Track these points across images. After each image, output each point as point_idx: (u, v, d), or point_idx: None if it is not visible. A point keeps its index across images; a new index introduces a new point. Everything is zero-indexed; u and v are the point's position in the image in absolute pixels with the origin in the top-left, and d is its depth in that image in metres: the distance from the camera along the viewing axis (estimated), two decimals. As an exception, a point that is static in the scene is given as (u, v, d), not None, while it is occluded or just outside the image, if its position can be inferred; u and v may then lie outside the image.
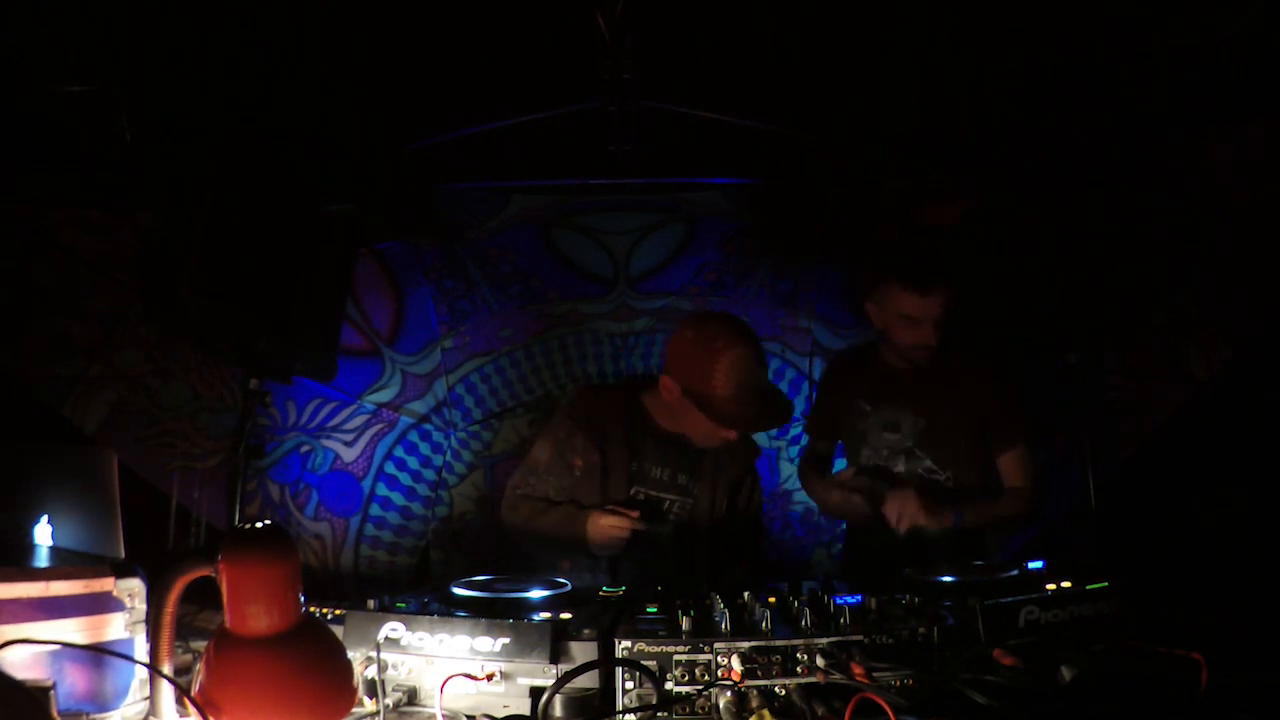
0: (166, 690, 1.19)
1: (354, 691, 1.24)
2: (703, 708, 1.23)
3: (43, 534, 1.53)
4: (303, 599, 1.19)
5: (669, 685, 1.24)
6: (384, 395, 3.56)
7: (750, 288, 3.59)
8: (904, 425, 2.49)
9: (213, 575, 1.16)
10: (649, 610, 1.48)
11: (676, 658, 1.25)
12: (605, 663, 1.26)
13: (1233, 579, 2.16)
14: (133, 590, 1.32)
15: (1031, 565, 1.65)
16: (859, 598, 1.41)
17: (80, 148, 2.81)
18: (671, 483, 2.26)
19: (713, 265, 3.57)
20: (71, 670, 1.20)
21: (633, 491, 2.23)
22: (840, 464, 2.80)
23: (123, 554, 1.69)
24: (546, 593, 1.55)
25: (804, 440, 3.33)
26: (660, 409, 2.27)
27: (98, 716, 1.23)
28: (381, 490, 3.56)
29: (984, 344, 2.76)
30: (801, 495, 3.38)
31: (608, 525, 2.09)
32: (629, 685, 1.25)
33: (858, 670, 1.20)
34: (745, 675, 1.24)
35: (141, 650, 1.29)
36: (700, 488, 2.29)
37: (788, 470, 3.56)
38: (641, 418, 2.28)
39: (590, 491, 2.22)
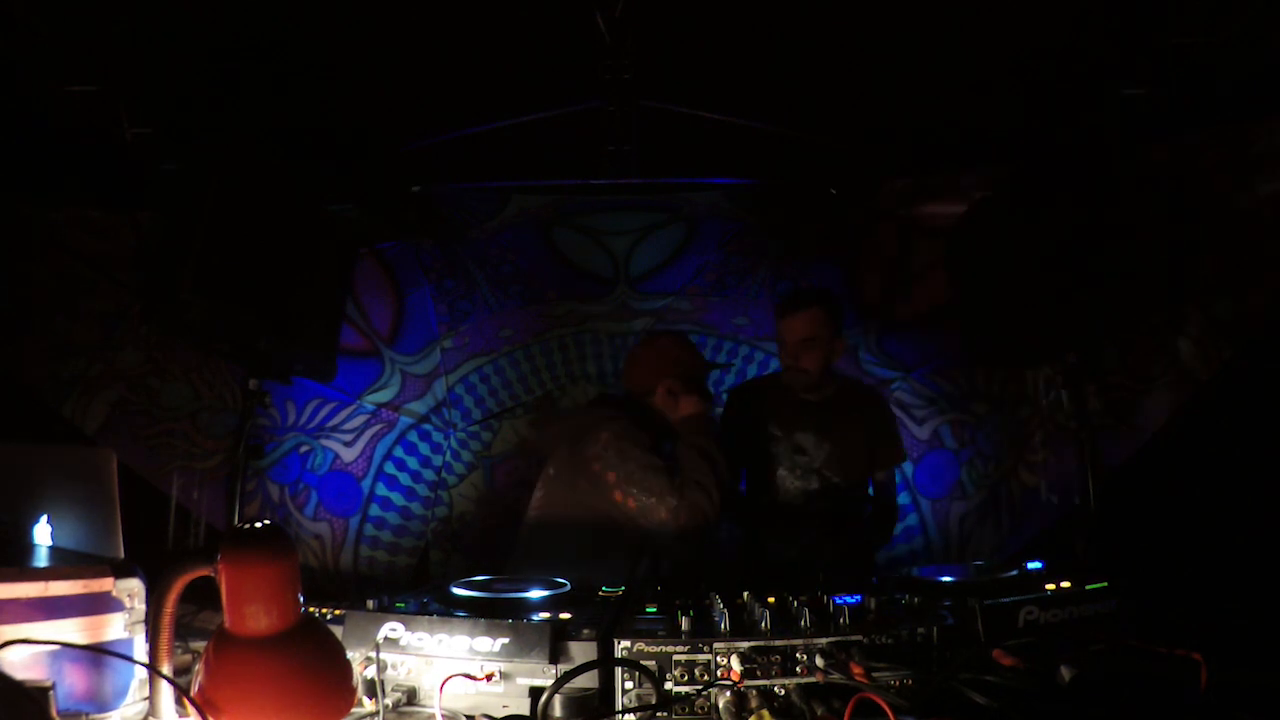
0: (166, 690, 1.19)
1: (353, 691, 1.24)
2: (702, 708, 1.23)
3: (42, 534, 1.53)
4: (302, 599, 1.19)
5: (668, 685, 1.24)
6: (383, 395, 3.56)
7: (750, 288, 3.59)
8: (809, 448, 2.78)
9: (212, 575, 1.16)
10: (648, 610, 1.48)
11: (676, 658, 1.25)
12: (604, 663, 1.26)
13: (1233, 579, 2.16)
14: (132, 590, 1.32)
15: (1031, 565, 1.65)
16: (858, 598, 1.41)
17: (80, 148, 2.81)
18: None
19: (713, 265, 3.57)
20: (71, 670, 1.20)
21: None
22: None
23: (122, 554, 1.69)
24: (546, 593, 1.55)
25: None
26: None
27: (97, 717, 1.23)
28: (381, 490, 3.56)
29: (984, 345, 2.77)
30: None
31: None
32: (628, 685, 1.25)
33: (857, 670, 1.20)
34: (744, 675, 1.24)
35: (141, 650, 1.29)
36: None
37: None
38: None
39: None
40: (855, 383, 3.07)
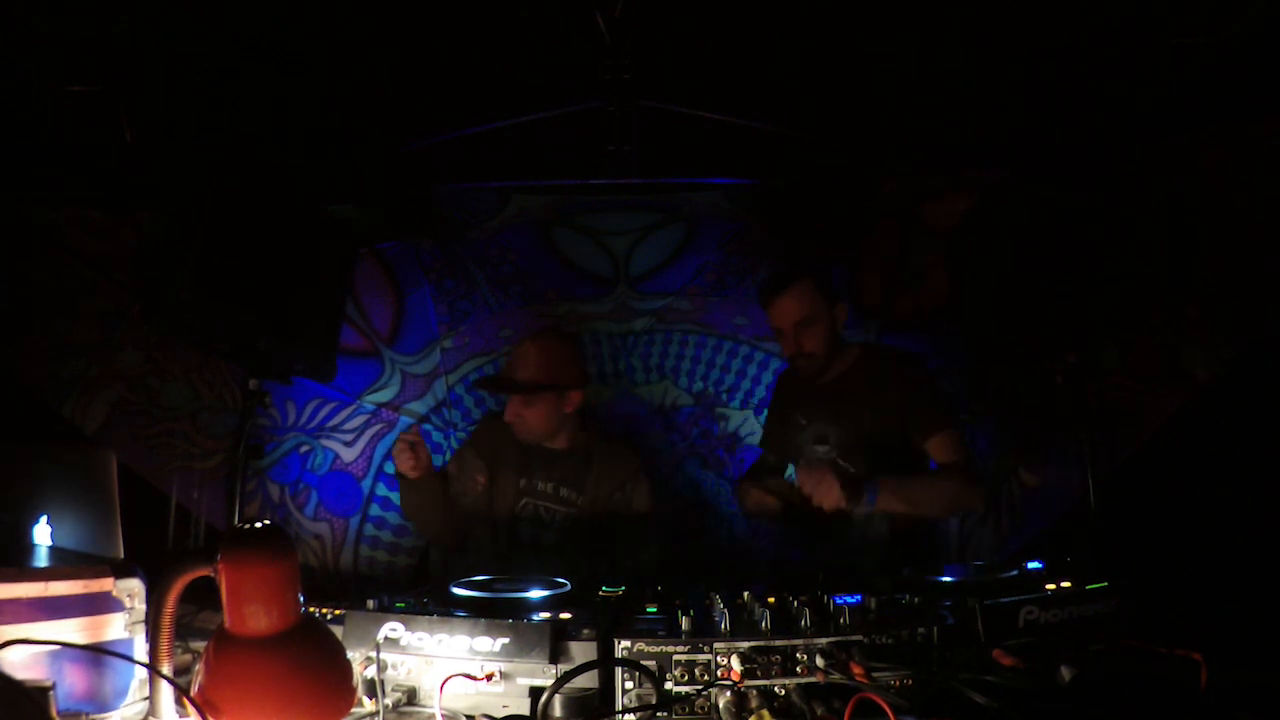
0: (166, 690, 1.19)
1: (353, 691, 1.24)
2: (702, 708, 1.23)
3: (42, 534, 1.53)
4: (302, 599, 1.19)
5: (668, 685, 1.24)
6: (383, 395, 3.56)
7: (750, 288, 3.58)
8: (831, 437, 2.56)
9: (212, 575, 1.16)
10: (649, 610, 1.48)
11: (676, 658, 1.26)
12: (605, 663, 1.26)
13: (1233, 579, 2.16)
14: (132, 590, 1.32)
15: (1031, 565, 1.65)
16: (859, 598, 1.41)
17: (80, 148, 2.81)
18: (555, 495, 2.57)
19: (713, 265, 3.57)
20: (71, 670, 1.20)
21: (522, 503, 2.56)
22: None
23: (122, 554, 1.69)
24: (546, 593, 1.55)
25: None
26: None
27: (97, 717, 1.23)
28: (381, 490, 3.56)
29: (984, 344, 2.77)
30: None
31: None
32: (628, 685, 1.25)
33: (857, 670, 1.20)
34: (745, 675, 1.24)
35: (141, 650, 1.29)
36: (584, 499, 2.56)
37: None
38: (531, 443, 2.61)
39: (482, 503, 2.57)
40: (880, 350, 2.77)
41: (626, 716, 1.22)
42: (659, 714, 1.22)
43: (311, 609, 1.46)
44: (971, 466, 2.47)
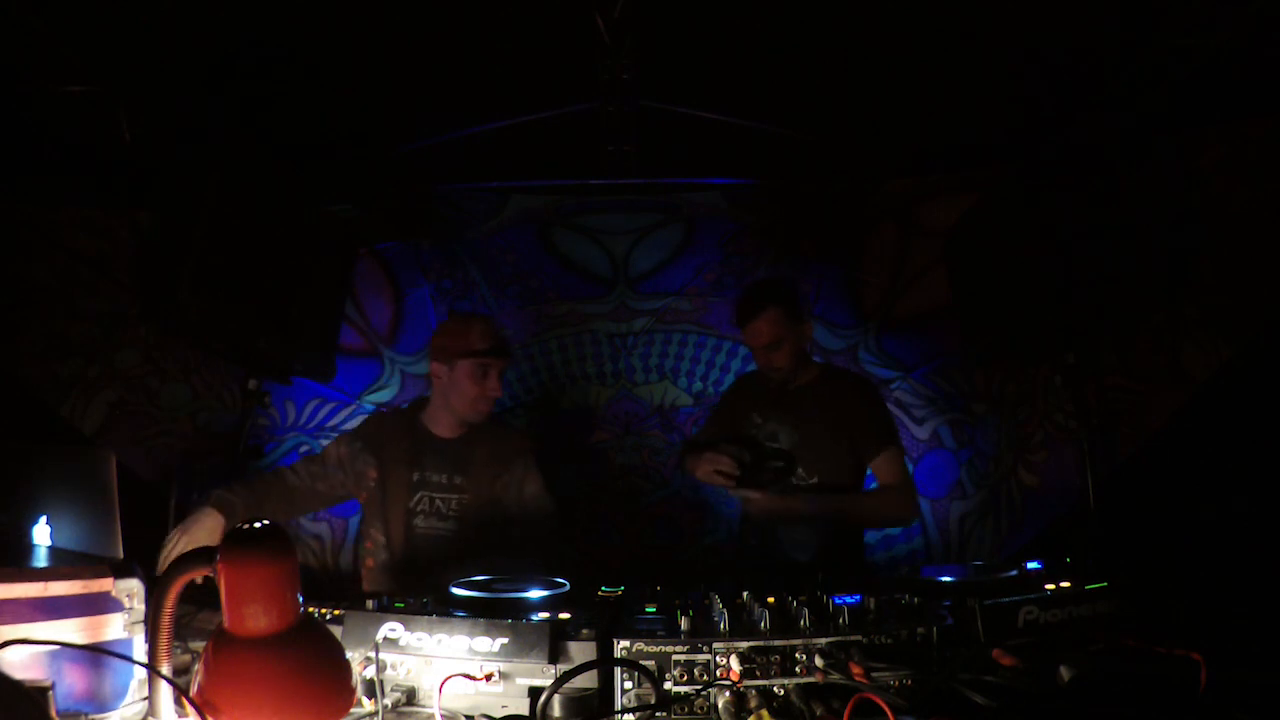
0: (165, 690, 1.18)
1: (352, 692, 1.23)
2: (701, 708, 1.23)
3: (41, 534, 1.53)
4: (301, 599, 1.19)
5: (667, 685, 1.24)
6: (383, 395, 3.56)
7: (750, 288, 3.59)
8: (781, 436, 2.72)
9: (212, 575, 1.16)
10: (648, 610, 1.48)
11: (675, 658, 1.25)
12: (604, 663, 1.26)
13: (1233, 579, 2.16)
14: (131, 590, 1.32)
15: (1031, 565, 1.65)
16: (858, 598, 1.41)
17: (80, 148, 2.81)
18: (449, 484, 2.52)
19: (712, 265, 3.57)
20: (70, 670, 1.20)
21: (417, 497, 2.49)
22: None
23: (121, 554, 1.69)
24: (545, 593, 1.55)
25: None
26: (434, 419, 2.57)
27: (96, 717, 1.22)
28: (381, 490, 3.55)
29: (982, 344, 2.77)
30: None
31: None
32: (628, 685, 1.25)
33: (856, 670, 1.20)
34: (744, 675, 1.24)
35: (140, 650, 1.29)
36: (469, 482, 2.51)
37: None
38: (423, 434, 2.56)
39: (373, 499, 2.50)
40: (841, 371, 2.98)
41: (626, 716, 1.22)
42: (658, 714, 1.22)
43: (311, 609, 1.46)
44: (907, 485, 2.70)
